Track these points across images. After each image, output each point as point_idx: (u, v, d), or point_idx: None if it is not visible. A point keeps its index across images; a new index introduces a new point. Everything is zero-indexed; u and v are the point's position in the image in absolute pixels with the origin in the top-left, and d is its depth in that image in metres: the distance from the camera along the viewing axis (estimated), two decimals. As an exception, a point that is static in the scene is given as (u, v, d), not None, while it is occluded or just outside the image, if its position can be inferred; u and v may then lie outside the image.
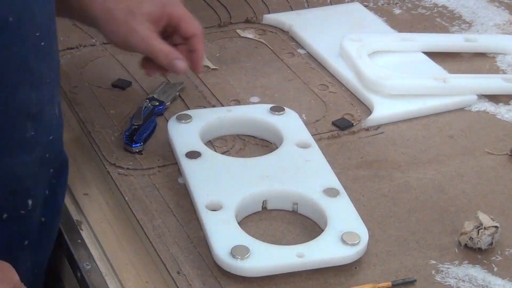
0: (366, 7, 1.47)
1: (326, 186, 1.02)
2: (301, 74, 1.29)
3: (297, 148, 1.09)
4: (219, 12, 1.44)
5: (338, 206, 0.99)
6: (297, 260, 0.92)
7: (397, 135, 1.17)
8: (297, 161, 1.06)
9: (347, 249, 0.94)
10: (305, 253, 0.93)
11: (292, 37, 1.39)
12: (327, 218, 0.97)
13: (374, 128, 1.18)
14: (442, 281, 0.93)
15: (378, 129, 1.18)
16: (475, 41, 1.34)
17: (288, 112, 1.15)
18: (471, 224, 0.97)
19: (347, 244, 0.94)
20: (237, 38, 1.38)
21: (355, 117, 1.20)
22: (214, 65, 1.30)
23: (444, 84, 1.22)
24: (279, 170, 1.05)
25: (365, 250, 0.95)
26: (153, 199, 1.02)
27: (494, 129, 1.18)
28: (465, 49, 1.34)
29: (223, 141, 1.13)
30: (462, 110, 1.22)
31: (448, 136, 1.17)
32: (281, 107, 1.16)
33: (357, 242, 0.94)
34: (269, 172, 1.04)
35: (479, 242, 0.96)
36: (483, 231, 0.96)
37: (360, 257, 0.95)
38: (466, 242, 0.97)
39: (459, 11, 1.48)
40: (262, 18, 1.43)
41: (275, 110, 1.15)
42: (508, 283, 0.93)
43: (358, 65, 1.25)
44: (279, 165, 1.06)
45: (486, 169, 1.10)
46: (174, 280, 0.92)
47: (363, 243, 0.94)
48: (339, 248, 0.94)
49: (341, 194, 1.01)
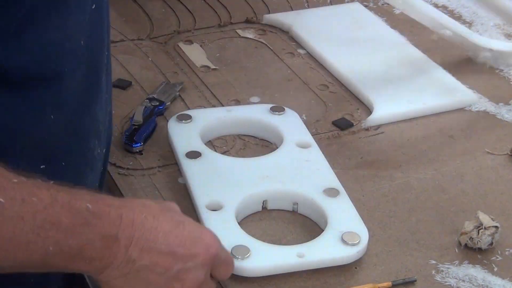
0: (366, 7, 1.47)
1: (326, 186, 1.02)
2: (301, 74, 1.29)
3: (297, 148, 1.09)
4: (219, 12, 1.44)
5: (338, 206, 0.99)
6: (297, 260, 0.92)
7: (397, 135, 1.17)
8: (297, 161, 1.06)
9: (347, 249, 0.94)
10: (305, 253, 0.93)
11: (292, 37, 1.39)
12: (327, 218, 0.97)
13: (374, 128, 1.18)
14: (442, 281, 0.93)
15: (378, 129, 1.18)
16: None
17: (288, 112, 1.15)
18: (471, 224, 0.97)
19: (347, 244, 0.94)
20: (237, 38, 1.38)
21: (355, 117, 1.20)
22: (214, 65, 1.30)
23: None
24: (279, 170, 1.05)
25: (365, 250, 0.95)
26: (153, 199, 1.02)
27: (494, 129, 1.18)
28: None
29: (223, 141, 1.13)
30: (462, 110, 1.22)
31: (448, 136, 1.17)
32: (281, 107, 1.16)
33: (357, 242, 0.94)
34: (269, 172, 1.04)
35: (479, 242, 0.96)
36: (483, 231, 0.96)
37: (360, 257, 0.95)
38: (466, 242, 0.97)
39: (459, 11, 1.48)
40: (262, 18, 1.43)
41: (275, 110, 1.15)
42: (508, 283, 0.93)
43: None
44: (279, 165, 1.06)
45: (486, 169, 1.10)
46: (174, 280, 0.91)
47: (363, 243, 0.94)
48: (340, 248, 0.94)
49: (341, 194, 1.01)
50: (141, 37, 1.37)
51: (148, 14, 1.43)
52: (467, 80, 1.28)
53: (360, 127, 1.18)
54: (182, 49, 1.33)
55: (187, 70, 1.28)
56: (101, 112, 0.92)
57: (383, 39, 1.37)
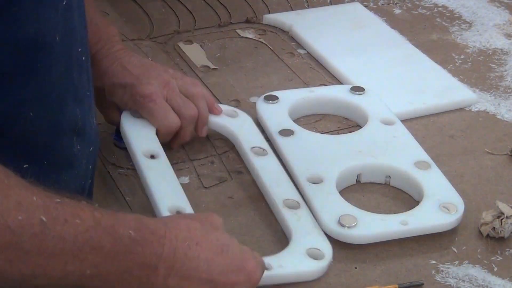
0: (366, 7, 1.47)
1: (417, 160, 1.06)
2: (301, 74, 1.29)
3: (382, 125, 1.13)
4: (219, 12, 1.44)
5: (431, 177, 1.04)
6: (401, 228, 0.97)
7: (397, 135, 1.17)
8: (385, 137, 1.11)
9: (447, 216, 0.98)
10: (408, 221, 0.97)
11: (292, 37, 1.39)
12: (423, 189, 1.01)
13: (374, 128, 1.18)
14: (442, 281, 0.93)
15: (378, 129, 1.18)
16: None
17: (368, 92, 1.19)
18: (489, 214, 0.98)
19: (446, 212, 0.98)
20: (237, 38, 1.38)
21: (355, 117, 1.20)
22: (214, 65, 1.30)
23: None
24: (369, 145, 1.09)
25: (461, 219, 0.99)
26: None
27: (494, 129, 1.18)
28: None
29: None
30: (462, 110, 1.22)
31: (448, 136, 1.17)
32: (361, 87, 1.20)
33: (455, 211, 0.98)
34: (361, 148, 1.09)
35: (502, 231, 0.97)
36: (506, 220, 0.97)
37: (360, 257, 0.95)
38: (488, 232, 0.98)
39: (459, 11, 1.48)
40: (262, 18, 1.43)
41: (355, 90, 1.19)
42: (508, 283, 0.93)
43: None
44: (369, 141, 1.10)
45: (486, 169, 1.10)
46: (174, 280, 0.91)
47: (460, 211, 0.99)
48: (440, 216, 0.99)
49: (432, 167, 1.05)
50: (141, 37, 1.37)
51: (148, 14, 1.43)
52: (467, 80, 1.28)
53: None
54: (182, 49, 1.33)
55: (187, 70, 1.28)
56: (81, 109, 0.92)
57: (383, 39, 1.37)
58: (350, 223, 0.96)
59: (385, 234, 0.97)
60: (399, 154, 1.08)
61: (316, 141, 1.11)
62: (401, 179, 1.05)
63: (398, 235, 0.97)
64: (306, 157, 1.07)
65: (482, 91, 1.26)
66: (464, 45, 1.38)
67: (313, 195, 1.00)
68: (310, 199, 1.00)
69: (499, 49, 1.37)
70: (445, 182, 1.04)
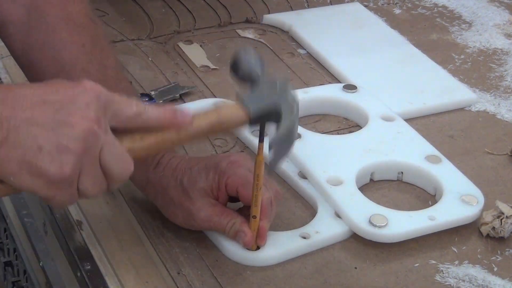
0: (366, 7, 1.47)
1: (427, 154, 1.07)
2: (301, 74, 1.29)
3: (384, 122, 1.13)
4: (219, 12, 1.44)
5: (445, 171, 1.04)
6: (430, 223, 0.97)
7: (397, 135, 1.17)
8: (390, 133, 1.11)
9: (470, 208, 0.99)
10: (435, 216, 0.97)
11: (292, 37, 1.39)
12: (441, 183, 1.02)
13: (374, 128, 1.18)
14: (442, 281, 0.93)
15: (378, 129, 1.18)
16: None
17: (361, 90, 1.19)
18: (489, 214, 0.98)
19: (468, 205, 0.99)
20: (237, 38, 1.38)
21: (355, 117, 1.20)
22: (214, 65, 1.30)
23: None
24: (377, 143, 1.10)
25: (482, 210, 1.00)
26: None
27: (494, 129, 1.18)
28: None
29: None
30: (462, 110, 1.22)
31: (448, 136, 1.17)
32: (353, 85, 1.20)
33: (476, 202, 1.00)
34: (370, 146, 1.08)
35: (502, 231, 0.97)
36: (506, 220, 0.97)
37: (360, 257, 0.95)
38: (488, 232, 0.98)
39: (459, 11, 1.48)
40: (262, 18, 1.43)
41: (348, 88, 1.19)
42: (508, 283, 0.93)
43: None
44: (376, 138, 1.10)
45: (486, 169, 1.11)
46: (174, 280, 0.92)
47: (481, 202, 1.00)
48: (463, 208, 0.99)
49: (443, 160, 1.06)
50: (141, 37, 1.37)
51: (148, 14, 1.43)
52: (467, 80, 1.28)
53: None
54: (182, 49, 1.33)
55: (187, 70, 1.28)
56: None
57: (383, 39, 1.37)
58: (381, 222, 0.96)
59: (415, 231, 0.97)
60: (409, 150, 1.09)
61: (325, 142, 1.11)
62: (414, 174, 1.06)
63: (427, 231, 0.98)
64: (319, 159, 1.06)
65: (482, 91, 1.26)
66: (464, 45, 1.38)
67: (337, 197, 1.00)
68: (335, 201, 0.99)
69: (499, 49, 1.37)
70: (460, 174, 1.05)
